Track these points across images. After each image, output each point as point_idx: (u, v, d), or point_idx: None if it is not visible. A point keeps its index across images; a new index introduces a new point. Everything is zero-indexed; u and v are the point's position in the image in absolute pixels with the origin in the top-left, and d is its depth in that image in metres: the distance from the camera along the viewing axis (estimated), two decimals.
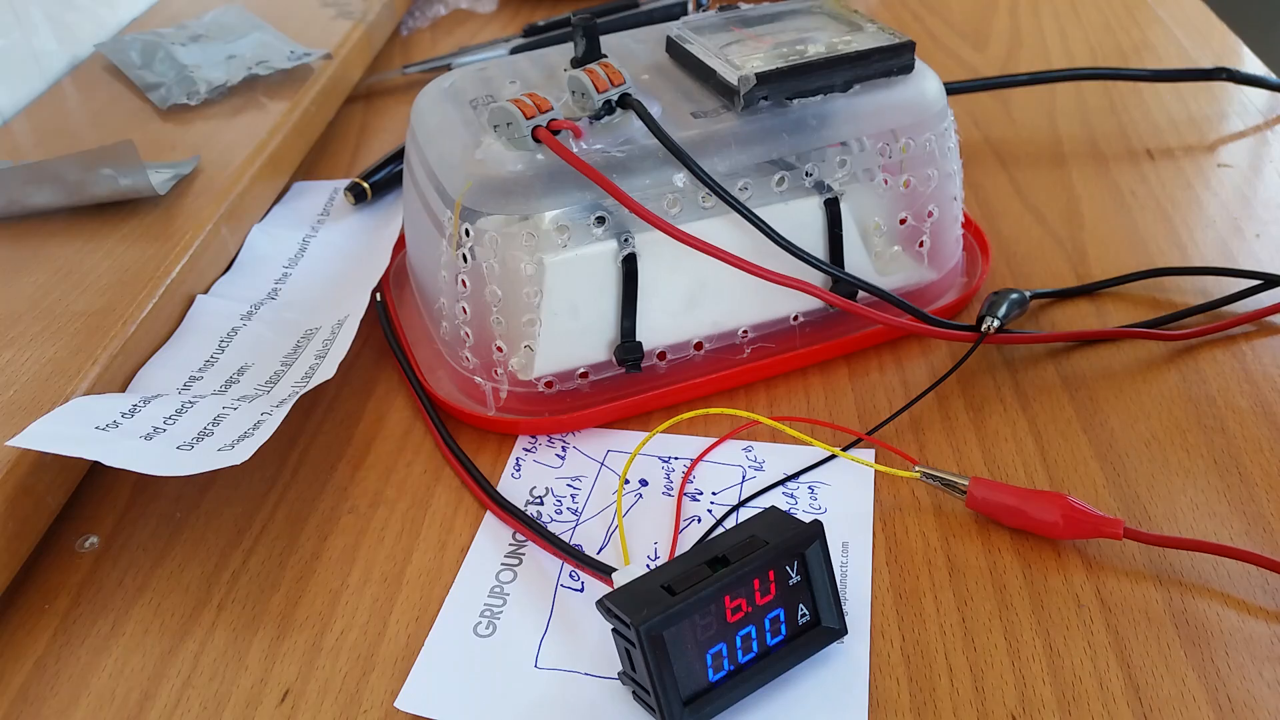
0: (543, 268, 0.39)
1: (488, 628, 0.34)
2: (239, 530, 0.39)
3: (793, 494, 0.39)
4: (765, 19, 0.46)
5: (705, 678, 0.30)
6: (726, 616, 0.30)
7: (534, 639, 0.34)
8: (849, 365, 0.44)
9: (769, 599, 0.30)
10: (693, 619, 0.29)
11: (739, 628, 0.30)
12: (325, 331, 0.46)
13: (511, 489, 0.40)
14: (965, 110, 0.63)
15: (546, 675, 0.33)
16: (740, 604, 0.30)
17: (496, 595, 0.36)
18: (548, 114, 0.39)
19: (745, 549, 0.31)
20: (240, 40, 0.68)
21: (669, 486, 0.39)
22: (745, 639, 0.30)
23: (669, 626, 0.29)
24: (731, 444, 0.41)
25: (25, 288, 0.47)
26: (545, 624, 0.34)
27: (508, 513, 0.38)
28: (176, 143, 0.58)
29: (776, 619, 0.31)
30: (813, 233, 0.42)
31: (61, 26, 0.69)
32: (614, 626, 0.30)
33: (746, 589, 0.30)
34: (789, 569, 0.31)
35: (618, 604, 0.29)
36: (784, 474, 0.39)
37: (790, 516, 0.32)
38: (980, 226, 0.51)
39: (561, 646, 0.34)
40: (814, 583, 0.31)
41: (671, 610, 0.29)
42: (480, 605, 0.35)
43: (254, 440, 0.37)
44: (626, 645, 0.30)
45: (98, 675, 0.34)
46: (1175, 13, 0.74)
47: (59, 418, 0.38)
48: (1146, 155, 0.58)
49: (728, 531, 0.32)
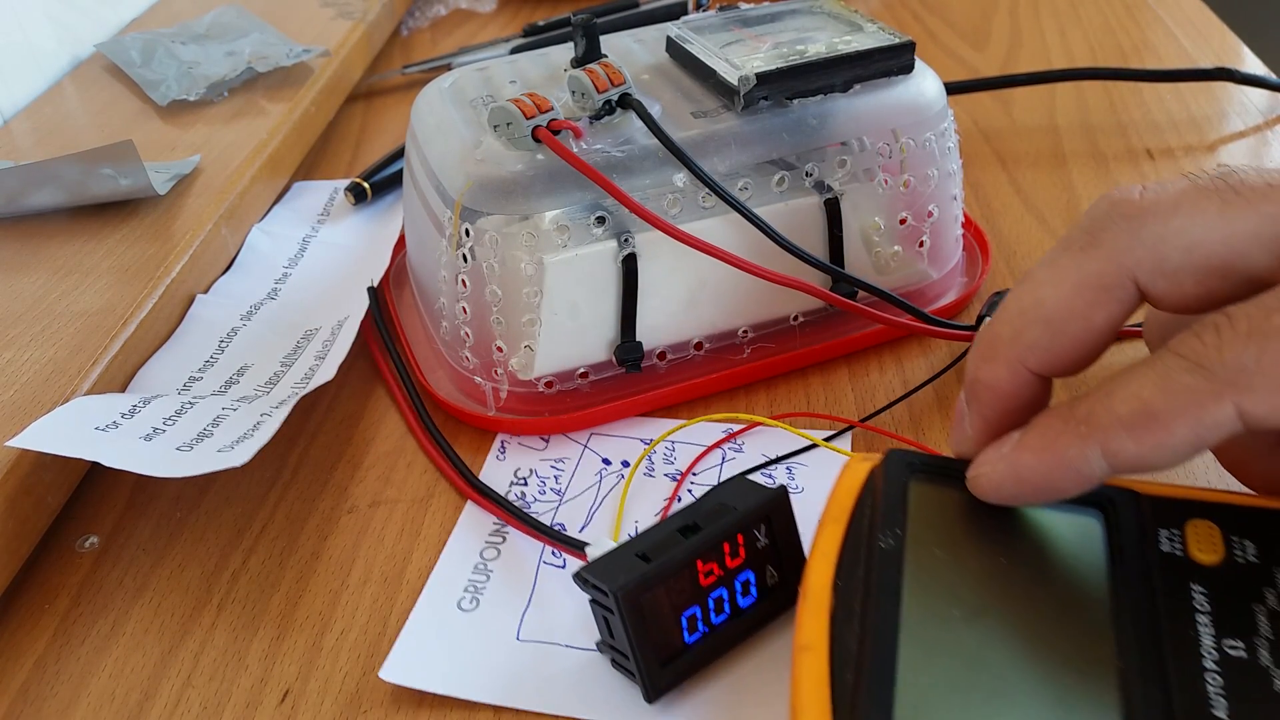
0: (543, 268, 0.39)
1: (471, 602, 0.35)
2: (239, 530, 0.39)
3: (771, 475, 0.39)
4: (765, 19, 0.46)
5: (681, 639, 0.31)
6: (699, 580, 0.31)
7: (516, 613, 0.35)
8: (849, 365, 0.44)
9: (739, 562, 0.32)
10: (667, 583, 0.30)
11: (711, 590, 0.31)
12: (325, 332, 0.46)
13: (496, 470, 0.40)
14: (965, 110, 0.63)
15: (528, 647, 0.34)
16: (712, 568, 0.31)
17: (480, 571, 0.36)
18: (548, 114, 0.39)
19: (714, 515, 0.32)
20: (240, 39, 0.68)
21: (650, 468, 0.40)
22: (718, 601, 0.31)
23: (645, 592, 0.30)
24: (714, 428, 0.41)
25: (25, 288, 0.47)
26: (528, 599, 0.35)
27: (482, 494, 0.39)
28: (176, 143, 0.58)
29: (747, 581, 0.32)
30: (813, 233, 0.42)
31: (61, 26, 0.69)
32: (592, 597, 0.31)
33: (717, 553, 0.31)
34: (756, 533, 0.32)
35: (595, 574, 0.30)
36: (764, 456, 0.40)
37: (755, 483, 0.33)
38: (980, 226, 0.51)
39: (542, 620, 0.34)
40: (780, 546, 0.33)
41: (647, 575, 0.30)
42: (464, 581, 0.36)
43: (254, 442, 0.37)
44: (605, 613, 0.30)
45: (98, 675, 0.34)
46: (1175, 13, 0.74)
47: (58, 418, 0.38)
48: (1146, 155, 0.58)
49: (697, 500, 0.33)
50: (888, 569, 0.28)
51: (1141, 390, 0.25)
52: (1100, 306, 0.28)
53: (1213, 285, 0.27)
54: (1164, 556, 0.28)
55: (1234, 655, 0.25)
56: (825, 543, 0.29)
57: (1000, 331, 0.29)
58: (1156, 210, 0.27)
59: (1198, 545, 0.28)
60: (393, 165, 0.59)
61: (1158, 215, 0.27)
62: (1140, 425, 0.25)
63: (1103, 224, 0.28)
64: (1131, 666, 0.25)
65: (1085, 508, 0.29)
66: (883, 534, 0.28)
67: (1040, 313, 0.28)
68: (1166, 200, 0.27)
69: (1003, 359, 0.29)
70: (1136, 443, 0.25)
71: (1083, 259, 0.28)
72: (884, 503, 0.29)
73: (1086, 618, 0.27)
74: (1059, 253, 0.29)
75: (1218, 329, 0.25)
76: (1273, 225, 0.26)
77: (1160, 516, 0.29)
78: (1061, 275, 0.28)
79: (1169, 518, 0.29)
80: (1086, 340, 0.28)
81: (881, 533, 0.28)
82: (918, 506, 0.29)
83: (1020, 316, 0.29)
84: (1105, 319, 0.28)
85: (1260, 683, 0.25)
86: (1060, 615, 0.27)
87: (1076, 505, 0.29)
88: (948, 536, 0.29)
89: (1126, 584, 0.27)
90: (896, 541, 0.28)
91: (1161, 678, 0.25)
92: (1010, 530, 0.29)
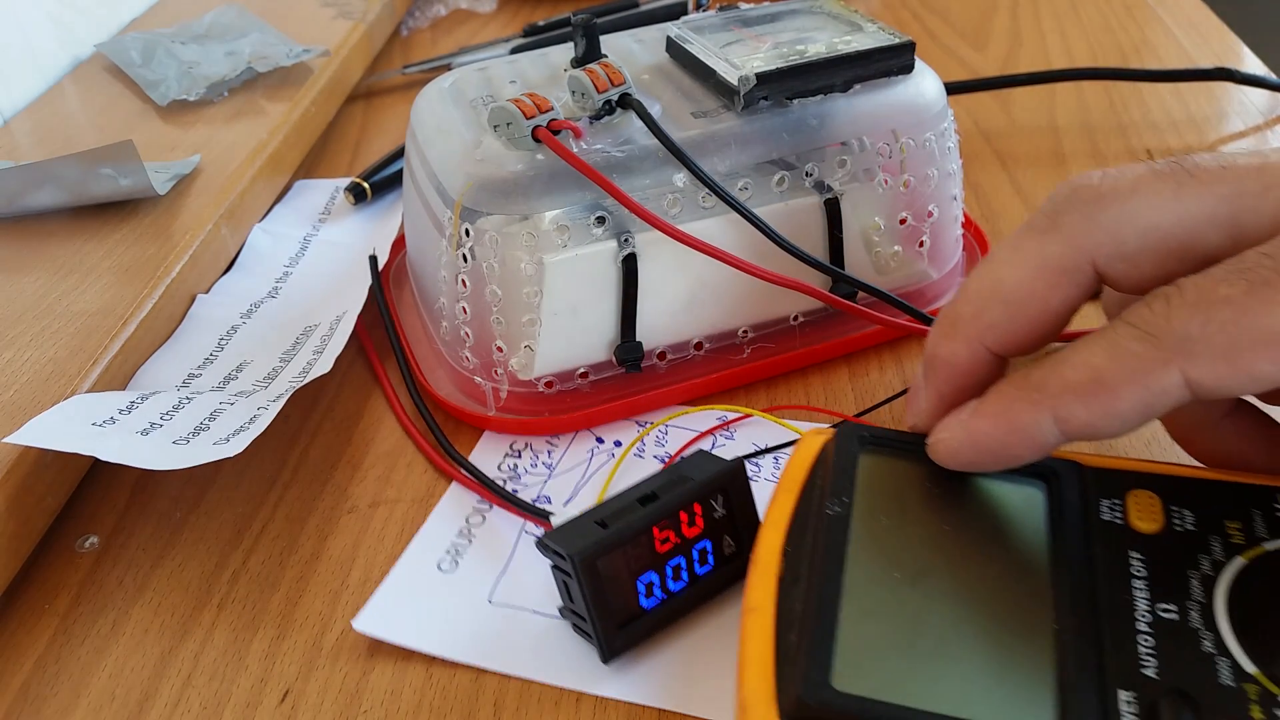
0: (543, 268, 0.39)
1: (450, 564, 0.37)
2: (239, 530, 0.39)
3: (757, 463, 0.40)
4: (765, 19, 0.46)
5: (637, 604, 0.32)
6: (656, 547, 0.32)
7: (491, 578, 0.36)
8: (849, 365, 0.44)
9: (696, 531, 0.33)
10: (625, 549, 0.31)
11: (669, 558, 0.32)
12: (324, 328, 0.46)
13: (493, 441, 0.42)
14: (965, 110, 0.63)
15: (498, 610, 0.35)
16: (669, 536, 0.32)
17: (463, 536, 0.38)
18: (548, 114, 0.39)
19: (673, 486, 0.33)
20: (240, 39, 0.68)
21: (641, 450, 0.41)
22: (675, 568, 0.33)
23: (601, 556, 0.31)
24: (708, 415, 0.42)
25: (25, 288, 0.47)
26: (504, 565, 0.36)
27: (452, 459, 0.39)
28: (176, 142, 0.58)
29: (704, 550, 0.33)
30: (813, 233, 0.42)
31: (61, 26, 0.69)
32: (553, 563, 0.32)
33: (674, 522, 0.32)
34: (714, 503, 0.33)
35: (555, 540, 0.31)
36: (754, 446, 0.40)
37: (715, 457, 0.34)
38: (980, 226, 0.51)
39: (515, 586, 0.36)
40: (737, 516, 0.33)
41: (603, 541, 0.31)
42: (447, 544, 0.37)
43: (249, 433, 0.37)
44: (564, 578, 0.32)
45: (98, 675, 0.34)
46: (1175, 13, 0.74)
47: (56, 414, 0.38)
48: (1147, 155, 0.58)
49: (658, 472, 0.34)
50: (834, 534, 0.28)
51: (1092, 358, 0.26)
52: (1058, 289, 0.28)
53: (1170, 267, 0.27)
54: (1104, 525, 0.29)
55: (1166, 618, 0.26)
56: (777, 511, 0.30)
57: (960, 310, 0.30)
58: (1115, 194, 0.28)
59: (1138, 514, 0.29)
60: (393, 165, 0.59)
61: (1116, 199, 0.28)
62: (1090, 392, 0.26)
63: (1063, 208, 0.28)
64: (1067, 628, 0.26)
65: (1029, 478, 0.30)
66: (831, 502, 0.29)
67: (1000, 293, 0.29)
68: (1124, 184, 0.28)
69: (962, 337, 0.29)
70: (1086, 409, 0.26)
71: (1043, 241, 0.28)
72: (834, 473, 0.30)
73: (1026, 582, 0.28)
74: (1021, 235, 0.29)
75: (1167, 298, 0.26)
76: (1226, 205, 0.27)
77: (1102, 487, 0.30)
78: (1022, 258, 0.29)
79: (1111, 488, 0.30)
80: (1044, 321, 0.29)
81: (830, 501, 0.29)
82: (866, 476, 0.30)
83: (980, 296, 0.29)
84: (1062, 301, 0.28)
85: (1190, 643, 0.26)
86: (1000, 580, 0.28)
87: (1021, 476, 0.30)
88: (894, 505, 0.30)
89: (1066, 551, 0.28)
90: (844, 509, 0.29)
91: (1096, 639, 0.26)
92: (955, 499, 0.30)
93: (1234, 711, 0.24)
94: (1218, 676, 0.25)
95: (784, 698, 0.25)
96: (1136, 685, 0.25)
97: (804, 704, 0.25)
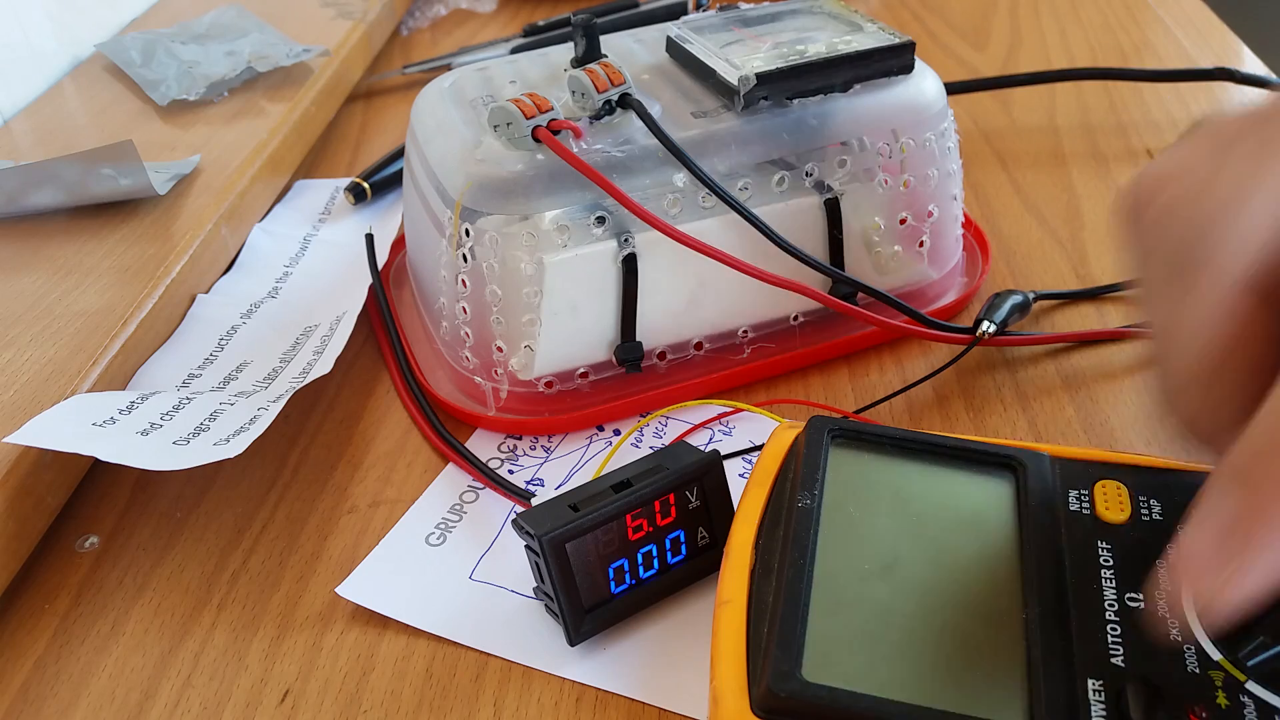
0: (543, 267, 0.39)
1: (439, 539, 0.37)
2: (239, 530, 0.39)
3: (750, 459, 0.40)
4: (765, 19, 0.46)
5: (607, 590, 0.32)
6: (628, 534, 0.32)
7: (475, 555, 0.37)
8: (849, 365, 0.44)
9: (669, 520, 0.33)
10: (595, 534, 0.32)
11: (640, 545, 0.33)
12: (324, 328, 0.46)
13: (493, 426, 0.42)
14: (965, 110, 0.63)
15: (477, 587, 0.36)
16: (641, 524, 0.32)
17: (455, 512, 0.39)
18: (548, 114, 0.39)
19: (648, 474, 0.33)
20: (240, 39, 0.68)
21: (638, 439, 0.41)
22: (646, 556, 0.33)
23: (571, 539, 0.31)
24: (708, 409, 0.42)
25: (25, 288, 0.47)
26: (490, 544, 0.37)
27: (438, 434, 0.41)
28: (176, 142, 0.58)
29: (677, 539, 0.33)
30: (813, 233, 0.42)
31: (61, 26, 0.69)
32: (525, 542, 0.32)
33: (647, 510, 0.33)
34: (689, 494, 0.33)
35: (527, 520, 0.32)
36: (750, 442, 0.40)
37: (693, 447, 0.34)
38: (980, 226, 0.51)
39: (497, 565, 0.36)
40: (712, 508, 0.34)
41: (573, 524, 0.31)
42: (439, 519, 0.38)
43: (249, 434, 0.37)
44: (535, 558, 0.32)
45: (98, 675, 0.34)
46: (1175, 13, 0.74)
47: (56, 414, 0.38)
48: (1147, 155, 0.58)
49: (636, 460, 0.34)
50: (804, 527, 0.29)
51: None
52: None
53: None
54: (1072, 515, 0.29)
55: (1134, 607, 0.27)
56: (749, 504, 0.31)
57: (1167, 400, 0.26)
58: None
59: (1105, 504, 0.29)
60: (393, 165, 0.59)
61: None
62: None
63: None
64: (1036, 618, 0.26)
65: (998, 470, 0.30)
66: (801, 494, 0.30)
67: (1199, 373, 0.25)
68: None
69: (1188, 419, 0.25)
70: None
71: None
72: (804, 465, 0.30)
73: (995, 573, 0.28)
74: None
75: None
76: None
77: (1070, 478, 0.30)
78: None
79: (1079, 479, 0.30)
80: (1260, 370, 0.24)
81: (800, 493, 0.30)
82: (836, 469, 0.31)
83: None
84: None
85: (1157, 632, 0.26)
86: (970, 570, 0.28)
87: (989, 468, 0.31)
88: (864, 497, 0.30)
89: (1035, 541, 0.28)
90: (814, 501, 0.29)
91: (1064, 628, 0.26)
92: (924, 491, 0.30)
93: (1200, 698, 0.24)
94: (1184, 664, 0.25)
95: (755, 689, 0.26)
96: (1105, 674, 0.25)
97: (774, 695, 0.25)
